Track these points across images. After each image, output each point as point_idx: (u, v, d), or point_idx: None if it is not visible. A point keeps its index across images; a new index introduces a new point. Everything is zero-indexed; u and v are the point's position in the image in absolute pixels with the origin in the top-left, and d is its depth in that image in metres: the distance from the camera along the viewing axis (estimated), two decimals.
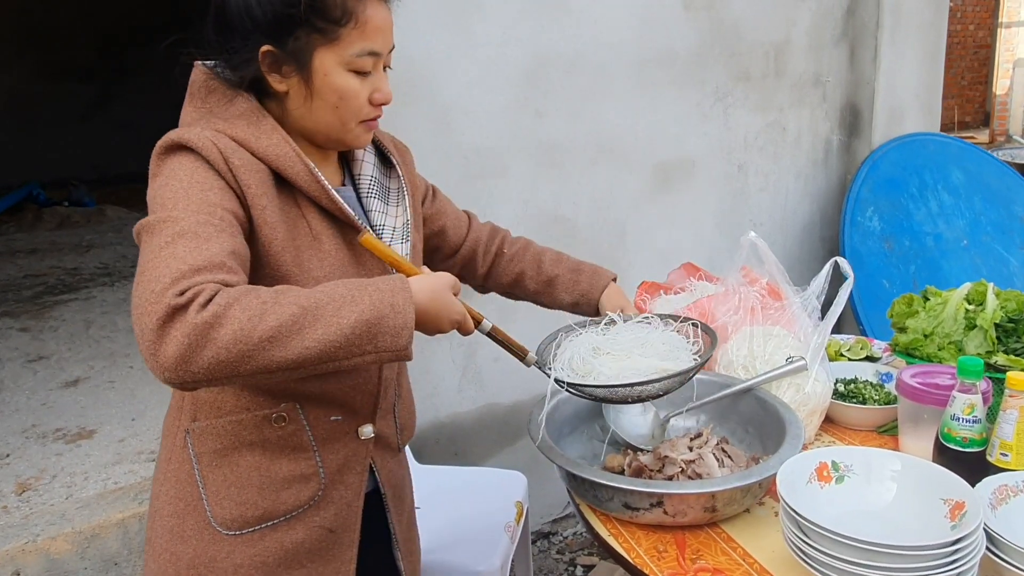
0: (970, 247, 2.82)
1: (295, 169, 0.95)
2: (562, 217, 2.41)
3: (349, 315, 0.82)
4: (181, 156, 0.91)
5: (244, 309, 0.78)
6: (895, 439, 1.31)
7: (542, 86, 2.30)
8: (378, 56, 0.97)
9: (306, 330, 0.79)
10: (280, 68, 0.95)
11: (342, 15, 0.93)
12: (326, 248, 0.98)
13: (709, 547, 1.06)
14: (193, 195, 0.87)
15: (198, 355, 0.76)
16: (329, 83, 0.95)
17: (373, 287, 0.85)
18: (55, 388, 2.88)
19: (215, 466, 0.99)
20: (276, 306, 0.79)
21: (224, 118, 0.96)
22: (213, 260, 0.81)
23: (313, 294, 0.83)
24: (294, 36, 0.93)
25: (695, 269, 1.73)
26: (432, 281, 0.93)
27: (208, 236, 0.84)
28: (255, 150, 0.94)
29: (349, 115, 0.98)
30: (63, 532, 1.81)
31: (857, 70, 2.94)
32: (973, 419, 1.08)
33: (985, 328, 1.32)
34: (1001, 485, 0.98)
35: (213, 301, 0.77)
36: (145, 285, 0.79)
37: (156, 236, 0.83)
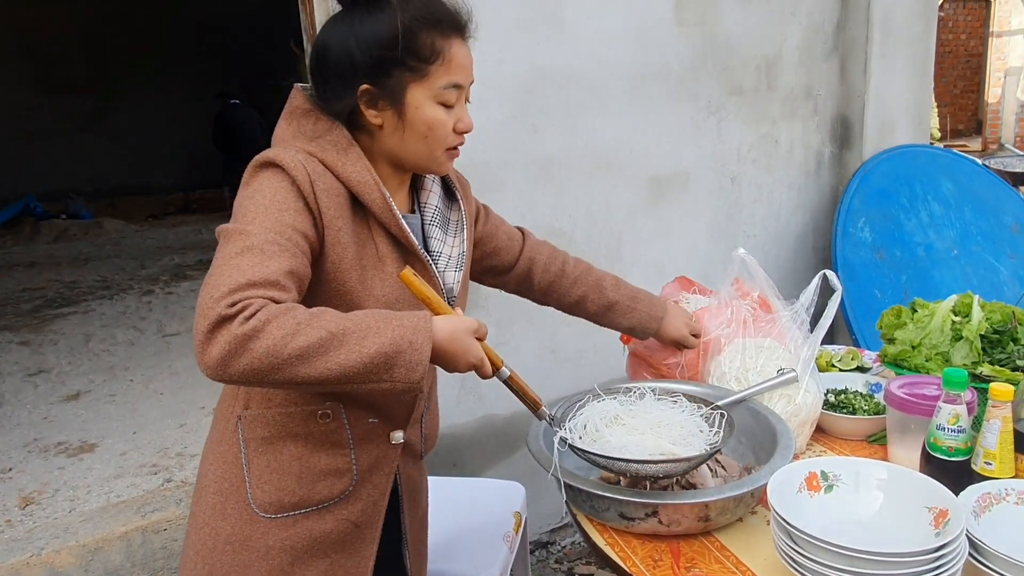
0: (960, 257, 2.86)
1: (372, 196, 1.05)
2: (559, 231, 2.44)
3: (371, 345, 0.90)
4: (271, 173, 1.00)
5: (280, 327, 0.87)
6: (884, 448, 1.34)
7: (538, 101, 2.33)
8: (461, 89, 1.08)
9: (331, 352, 0.88)
10: (376, 104, 1.06)
11: (431, 54, 1.04)
12: (388, 270, 1.08)
13: (703, 555, 1.09)
14: (272, 212, 0.96)
15: (235, 360, 0.86)
16: (420, 115, 1.06)
17: (398, 321, 0.93)
18: (56, 402, 2.91)
19: (261, 452, 1.08)
20: (308, 328, 0.88)
21: (316, 141, 1.06)
22: (269, 277, 0.91)
23: (344, 320, 0.91)
24: (391, 76, 1.04)
25: (689, 283, 1.76)
26: (455, 323, 0.99)
27: (272, 254, 0.93)
28: (340, 174, 1.04)
29: (437, 143, 1.08)
30: (67, 545, 1.83)
31: (848, 83, 2.99)
32: (958, 429, 1.11)
33: (971, 339, 1.36)
34: (984, 493, 1.01)
35: (256, 316, 0.87)
36: (207, 290, 0.89)
37: (229, 244, 0.93)
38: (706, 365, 1.47)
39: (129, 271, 5.56)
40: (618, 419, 1.18)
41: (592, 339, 2.54)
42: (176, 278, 5.24)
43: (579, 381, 2.39)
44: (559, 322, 2.48)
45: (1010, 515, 1.00)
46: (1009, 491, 1.02)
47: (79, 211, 8.01)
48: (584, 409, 1.22)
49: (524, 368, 1.23)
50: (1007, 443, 1.09)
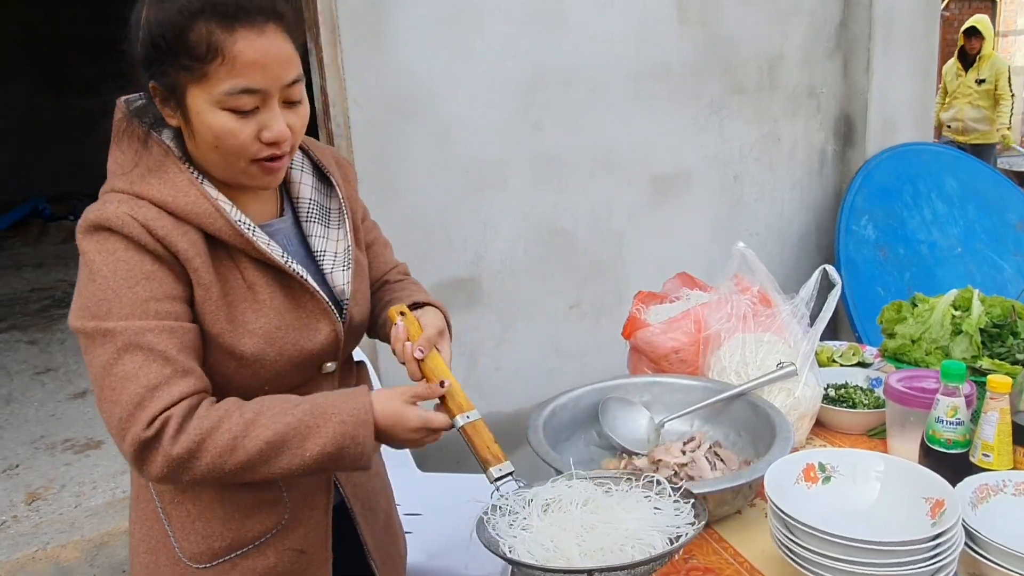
0: (964, 255, 2.86)
1: (217, 225, 0.92)
2: (561, 229, 2.45)
3: (313, 447, 0.88)
4: (103, 239, 0.87)
5: (215, 444, 0.85)
6: (884, 442, 1.34)
7: (540, 100, 2.35)
8: (259, 92, 0.88)
9: (273, 461, 0.87)
10: (168, 102, 0.91)
11: (207, 52, 0.85)
12: (261, 298, 0.96)
13: (701, 547, 1.09)
14: (123, 295, 0.86)
15: (180, 477, 0.86)
16: (203, 122, 0.89)
17: (339, 418, 0.89)
18: (63, 400, 2.93)
19: (177, 503, 1.00)
20: (246, 440, 0.86)
21: (140, 174, 0.92)
22: (164, 373, 0.85)
23: (280, 421, 0.87)
24: (164, 73, 0.88)
25: (690, 279, 1.76)
26: (394, 407, 0.93)
27: (150, 345, 0.85)
28: (175, 211, 0.90)
29: (231, 155, 0.91)
30: (72, 540, 1.84)
31: (850, 81, 2.99)
32: (956, 421, 1.12)
33: (970, 333, 1.36)
34: (982, 484, 1.02)
35: (185, 432, 0.84)
36: (109, 409, 0.85)
37: (99, 349, 0.85)
38: (706, 360, 1.47)
39: None
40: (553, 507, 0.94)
41: (595, 336, 2.55)
42: None
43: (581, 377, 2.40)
44: (561, 319, 2.50)
45: (1008, 506, 1.00)
46: (1007, 482, 1.02)
47: None
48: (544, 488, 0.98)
49: (527, 365, 1.21)
50: (1005, 435, 1.09)
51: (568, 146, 2.41)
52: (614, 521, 0.89)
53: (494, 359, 2.35)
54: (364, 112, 2.05)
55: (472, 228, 2.27)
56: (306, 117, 0.97)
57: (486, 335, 2.34)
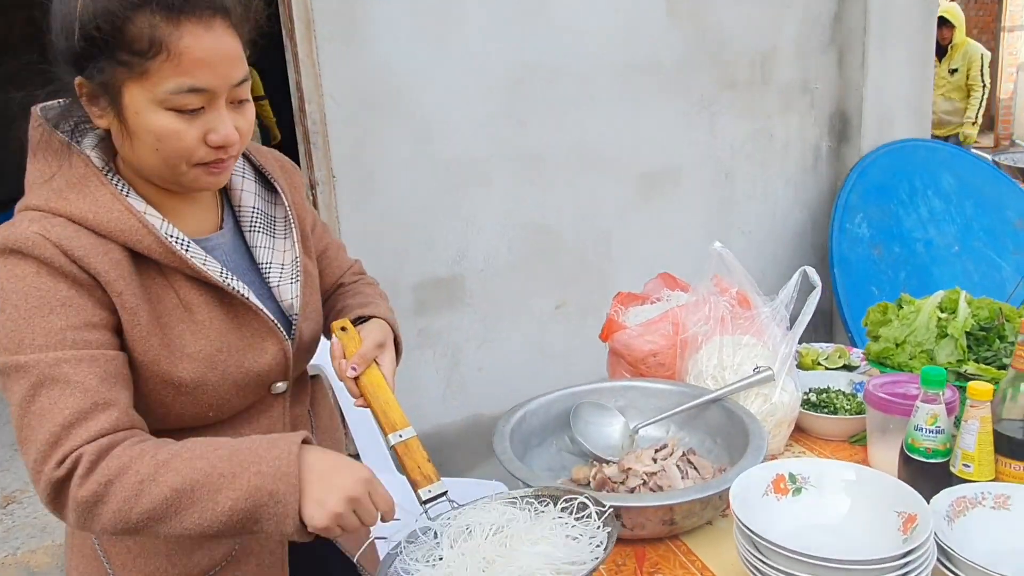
0: (961, 253, 2.80)
1: (145, 243, 0.85)
2: (546, 227, 2.41)
3: (224, 501, 0.77)
4: (13, 264, 0.81)
5: (122, 488, 0.77)
6: (865, 449, 1.29)
7: (525, 96, 2.30)
8: (205, 92, 0.82)
9: (183, 513, 0.78)
10: (98, 101, 0.84)
11: (149, 46, 0.78)
12: (199, 319, 0.90)
13: (668, 560, 1.05)
14: (36, 325, 0.79)
15: (91, 524, 0.79)
16: (142, 123, 0.82)
17: (256, 467, 0.78)
18: None
19: (116, 539, 0.93)
20: (152, 484, 0.77)
21: (57, 189, 0.85)
22: (81, 407, 0.78)
23: (194, 467, 0.78)
24: (99, 69, 0.80)
25: (672, 279, 1.72)
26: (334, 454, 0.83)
27: (67, 377, 0.79)
28: (96, 227, 0.83)
29: (174, 158, 0.84)
30: (43, 545, 1.82)
31: (845, 76, 2.94)
32: (936, 429, 1.07)
33: (956, 337, 1.31)
34: (959, 497, 0.97)
35: (93, 473, 0.77)
36: (27, 450, 0.79)
37: (14, 386, 0.79)
38: (684, 363, 1.43)
39: None
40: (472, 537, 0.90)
41: (581, 337, 2.50)
42: None
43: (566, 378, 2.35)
44: (546, 320, 2.45)
45: (986, 520, 0.95)
46: (986, 495, 0.97)
47: None
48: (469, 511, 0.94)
49: (511, 366, 1.16)
50: (986, 444, 1.04)
51: (553, 143, 2.36)
52: (515, 553, 0.85)
53: (477, 360, 2.31)
54: (341, 108, 2.00)
55: (454, 226, 2.22)
56: (252, 117, 0.90)
57: (469, 335, 2.30)
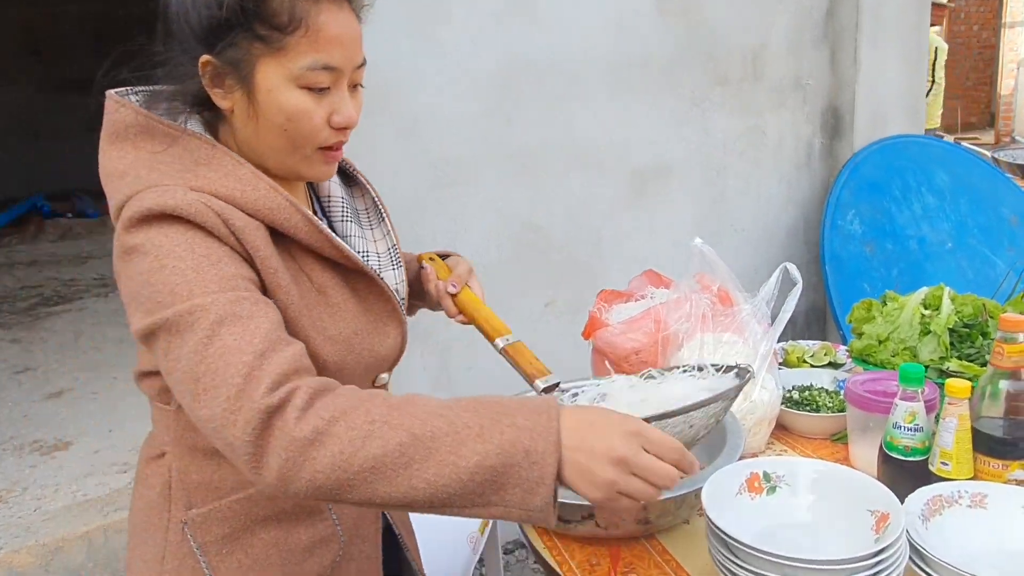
0: (955, 250, 2.78)
1: (292, 221, 0.82)
2: (536, 225, 2.39)
3: (470, 455, 0.66)
4: (168, 228, 0.76)
5: (347, 428, 0.67)
6: (847, 447, 1.28)
7: (513, 93, 2.29)
8: (336, 71, 0.82)
9: (415, 465, 0.66)
10: (223, 82, 0.82)
11: (289, 21, 0.78)
12: (334, 301, 0.87)
13: (642, 560, 1.04)
14: (206, 272, 0.74)
15: (296, 473, 0.67)
16: (274, 100, 0.80)
17: (510, 419, 0.68)
18: (38, 400, 2.90)
19: (226, 554, 0.87)
20: (385, 427, 0.67)
21: (185, 168, 0.80)
22: (270, 337, 0.71)
23: (434, 415, 0.68)
24: (233, 44, 0.79)
25: (657, 276, 1.71)
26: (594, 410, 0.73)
27: (250, 314, 0.72)
28: (244, 205, 0.80)
29: (301, 139, 0.83)
30: (27, 545, 1.81)
31: (838, 73, 2.92)
32: (915, 427, 1.06)
33: (939, 333, 1.30)
34: (935, 496, 0.96)
35: (312, 408, 0.68)
36: (211, 396, 0.69)
37: (185, 336, 0.71)
38: (666, 360, 1.42)
39: None
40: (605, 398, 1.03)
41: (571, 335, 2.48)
42: None
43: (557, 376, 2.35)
44: (536, 318, 2.44)
45: (962, 519, 0.94)
46: (962, 493, 0.96)
47: (86, 210, 8.04)
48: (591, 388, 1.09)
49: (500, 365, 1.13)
50: (964, 442, 1.03)
51: (543, 140, 2.35)
52: (663, 392, 0.98)
53: (465, 359, 2.30)
54: None
55: (441, 225, 2.21)
56: (362, 105, 0.89)
57: (457, 334, 2.28)
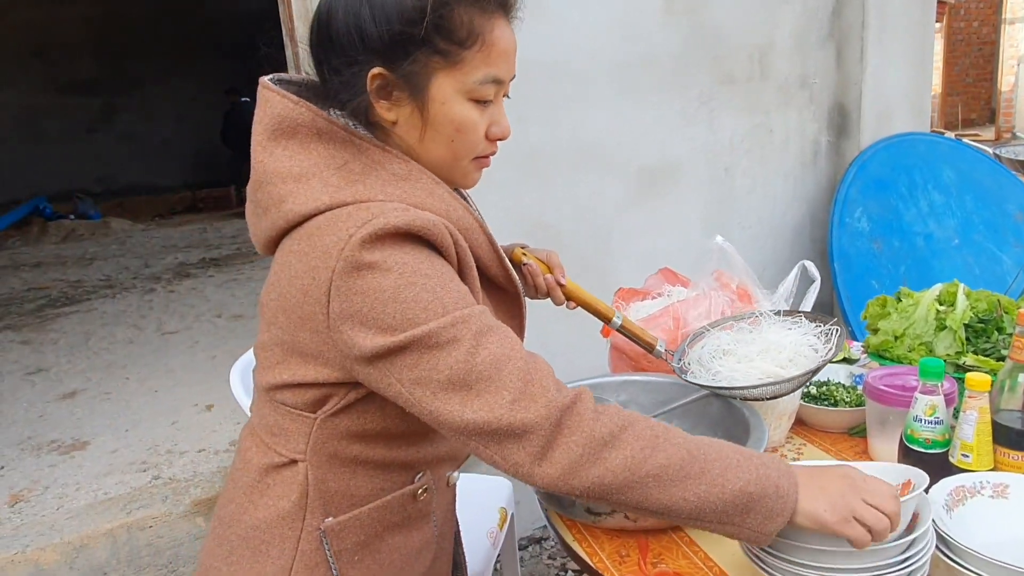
0: (962, 246, 2.81)
1: (479, 241, 0.86)
2: (545, 224, 2.41)
3: (735, 480, 0.76)
4: (408, 246, 0.77)
5: (637, 436, 0.75)
6: (866, 441, 1.30)
7: (523, 92, 2.30)
8: (501, 84, 0.86)
9: (691, 480, 0.75)
10: (391, 94, 0.83)
11: (467, 36, 0.81)
12: None
13: (671, 551, 1.06)
14: (452, 288, 0.77)
15: (586, 470, 0.73)
16: (446, 113, 0.83)
17: (759, 460, 0.79)
18: (52, 400, 2.92)
19: (357, 561, 0.89)
20: (666, 443, 0.75)
21: (387, 181, 0.82)
22: (536, 357, 0.77)
23: (699, 441, 0.78)
24: (411, 58, 0.80)
25: (672, 275, 1.73)
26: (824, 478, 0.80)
27: (498, 325, 0.77)
28: (450, 222, 0.82)
29: (464, 150, 0.85)
30: (52, 543, 1.83)
31: (844, 71, 2.94)
32: (935, 420, 1.08)
33: (954, 329, 1.32)
34: (958, 487, 0.98)
35: (605, 415, 0.75)
36: (495, 397, 0.73)
37: (450, 346, 0.74)
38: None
39: (133, 270, 5.59)
40: (727, 352, 1.22)
41: (582, 332, 2.51)
42: (179, 276, 5.27)
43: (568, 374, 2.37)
44: (549, 316, 2.46)
45: (984, 509, 0.96)
46: (984, 484, 0.99)
47: (88, 211, 8.07)
48: (695, 344, 1.27)
49: None
50: (984, 435, 1.05)
51: (552, 139, 2.37)
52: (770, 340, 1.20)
53: None
54: None
55: None
56: None
57: None
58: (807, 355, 1.17)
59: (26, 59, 8.55)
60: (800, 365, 1.15)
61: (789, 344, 1.18)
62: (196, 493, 2.02)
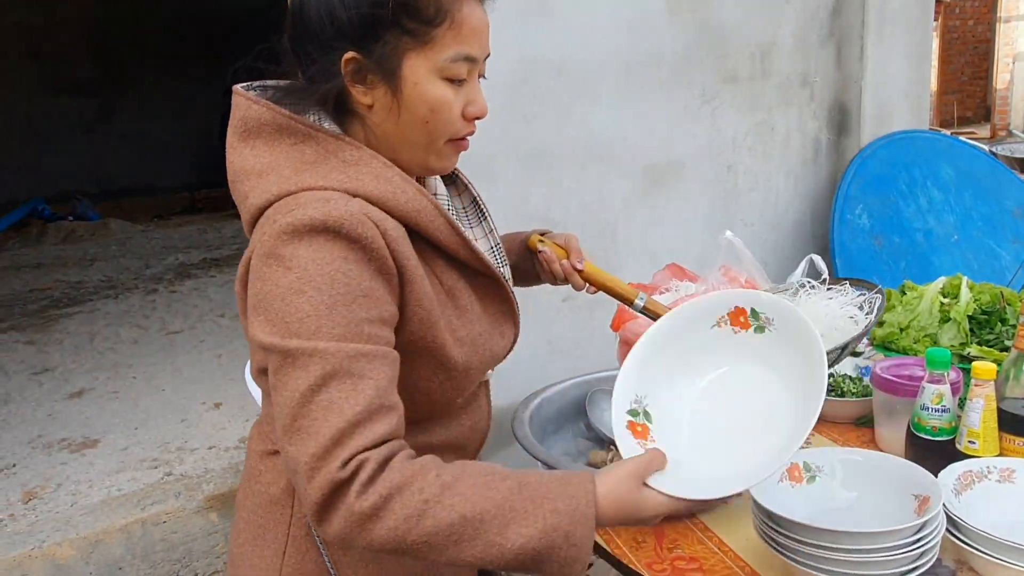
0: (961, 242, 2.84)
1: (436, 224, 0.84)
2: (553, 221, 2.44)
3: (515, 538, 0.73)
4: (323, 243, 0.76)
5: (403, 506, 0.72)
6: (872, 430, 1.33)
7: (530, 92, 2.33)
8: (474, 62, 0.85)
9: (465, 544, 0.73)
10: (365, 78, 0.84)
11: (436, 14, 0.81)
12: (462, 304, 0.89)
13: (686, 537, 1.09)
14: (338, 313, 0.75)
15: (357, 538, 0.73)
16: (420, 93, 0.83)
17: (552, 505, 0.74)
18: (60, 399, 2.94)
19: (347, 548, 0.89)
20: (438, 507, 0.72)
21: (334, 168, 0.82)
22: (371, 406, 0.74)
23: (481, 494, 0.74)
24: (381, 40, 0.81)
25: (680, 270, 1.76)
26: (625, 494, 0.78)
27: (362, 373, 0.74)
28: (394, 209, 0.82)
29: (440, 130, 0.85)
30: (68, 538, 1.85)
31: (844, 69, 2.98)
32: (942, 408, 1.11)
33: (959, 320, 1.35)
34: (966, 471, 1.01)
35: (375, 484, 0.72)
36: (301, 442, 0.73)
37: (298, 372, 0.74)
38: None
39: (134, 271, 5.60)
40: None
41: (587, 329, 2.54)
42: (180, 277, 5.28)
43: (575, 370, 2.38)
44: (554, 313, 2.49)
45: (991, 492, 1.00)
46: (991, 469, 1.02)
47: (86, 212, 8.06)
48: None
49: (520, 359, 1.14)
50: (990, 422, 1.08)
51: (559, 138, 2.40)
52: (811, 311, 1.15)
53: None
54: None
55: None
56: None
57: None
58: (842, 328, 1.10)
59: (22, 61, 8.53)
60: (833, 339, 1.08)
61: (825, 315, 1.13)
62: (208, 489, 2.04)
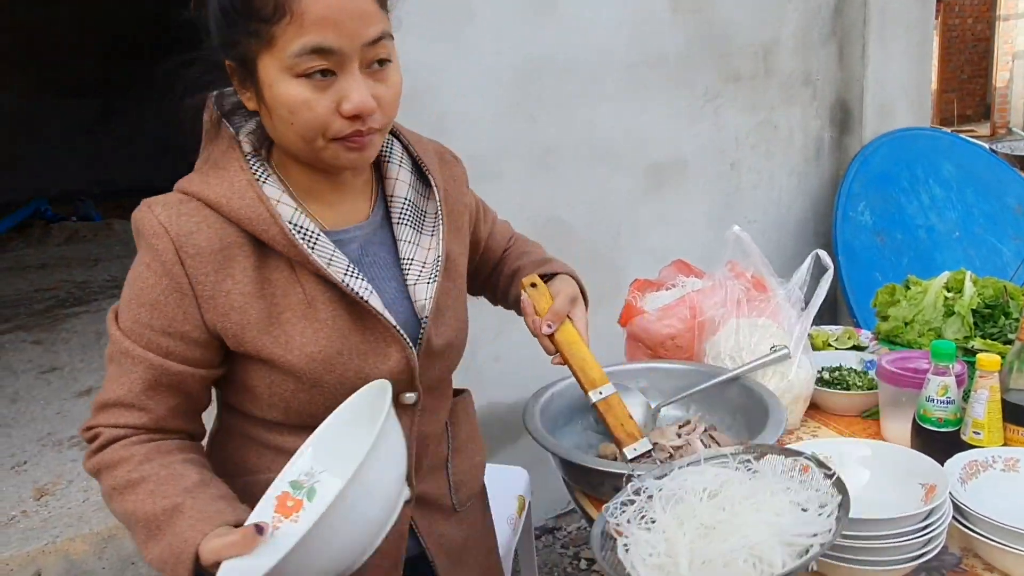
0: (962, 238, 2.86)
1: (270, 233, 0.83)
2: (557, 219, 2.46)
3: (151, 552, 0.80)
4: (140, 245, 0.86)
5: (105, 483, 0.85)
6: (877, 423, 1.35)
7: (535, 91, 2.36)
8: (333, 53, 0.77)
9: (132, 532, 0.83)
10: (243, 83, 0.83)
11: (273, 11, 0.75)
12: (322, 317, 0.86)
13: None
14: (132, 309, 0.85)
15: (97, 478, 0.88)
16: (276, 95, 0.79)
17: (168, 539, 0.77)
18: (69, 398, 2.96)
19: None
20: (118, 496, 0.83)
21: (208, 169, 0.87)
22: (121, 398, 0.84)
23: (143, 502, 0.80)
24: (238, 45, 0.80)
25: (686, 266, 1.78)
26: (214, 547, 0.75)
27: (127, 368, 0.84)
28: (228, 213, 0.83)
29: (308, 131, 0.80)
30: (81, 534, 1.87)
31: (846, 68, 3.00)
32: (947, 400, 1.13)
33: (963, 314, 1.37)
34: (971, 461, 1.03)
35: (95, 456, 0.86)
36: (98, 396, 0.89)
37: (110, 342, 0.87)
38: (701, 345, 1.49)
39: None
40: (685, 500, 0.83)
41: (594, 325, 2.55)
42: None
43: None
44: None
45: (996, 481, 1.01)
46: (996, 458, 1.04)
47: (89, 213, 8.08)
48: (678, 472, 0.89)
49: (526, 355, 1.14)
50: (995, 412, 1.10)
51: (563, 136, 2.42)
52: (736, 521, 0.77)
53: (493, 350, 2.37)
54: None
55: None
56: (397, 86, 0.84)
57: (485, 326, 2.36)
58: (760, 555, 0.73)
59: (22, 62, 8.55)
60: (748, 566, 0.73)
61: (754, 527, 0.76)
62: None
